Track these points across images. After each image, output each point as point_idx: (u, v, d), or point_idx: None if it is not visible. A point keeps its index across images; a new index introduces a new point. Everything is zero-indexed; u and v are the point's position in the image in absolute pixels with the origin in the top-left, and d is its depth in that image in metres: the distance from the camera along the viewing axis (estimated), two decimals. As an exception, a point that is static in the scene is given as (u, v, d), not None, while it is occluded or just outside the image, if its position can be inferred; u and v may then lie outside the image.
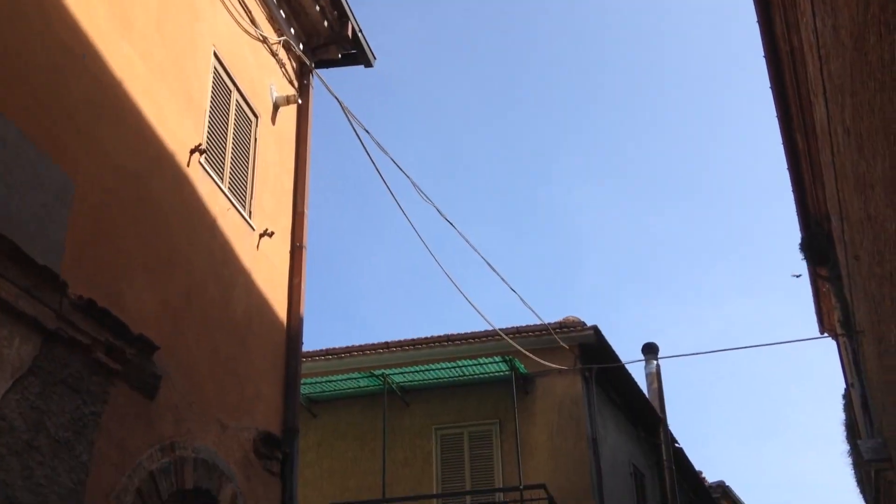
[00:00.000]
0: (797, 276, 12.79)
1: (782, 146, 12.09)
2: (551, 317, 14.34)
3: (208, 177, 7.18)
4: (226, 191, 7.43)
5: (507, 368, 13.60)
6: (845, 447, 17.59)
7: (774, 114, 11.40)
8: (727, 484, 23.19)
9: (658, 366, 16.89)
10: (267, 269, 7.93)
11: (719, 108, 55.25)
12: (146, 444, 5.81)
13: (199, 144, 7.04)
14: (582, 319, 14.60)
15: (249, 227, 7.77)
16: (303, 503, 12.47)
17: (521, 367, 13.73)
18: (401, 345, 14.82)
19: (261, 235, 7.91)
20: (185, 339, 6.53)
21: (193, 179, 6.96)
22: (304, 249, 8.36)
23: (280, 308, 8.05)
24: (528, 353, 13.51)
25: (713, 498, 22.22)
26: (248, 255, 7.68)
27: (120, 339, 5.59)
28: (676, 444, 17.60)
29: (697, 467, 20.51)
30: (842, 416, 17.12)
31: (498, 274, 20.48)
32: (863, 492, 15.97)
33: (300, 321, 8.13)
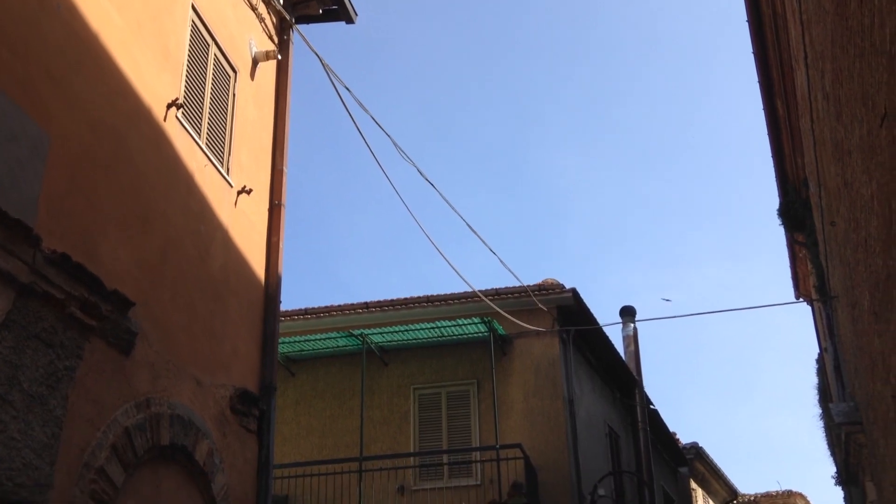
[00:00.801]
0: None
1: (763, 112, 12.11)
2: (531, 279, 14.42)
3: (185, 132, 7.11)
4: (203, 146, 7.37)
5: (486, 330, 13.68)
6: (817, 411, 17.85)
7: (756, 80, 11.40)
8: (700, 445, 23.52)
9: (635, 329, 17.05)
10: (245, 227, 7.89)
11: (702, 76, 55.14)
12: (121, 399, 5.81)
13: (177, 99, 6.96)
14: (561, 282, 14.69)
15: (227, 184, 7.72)
16: (280, 460, 12.57)
17: (500, 329, 13.81)
18: (380, 305, 14.84)
19: (239, 192, 7.86)
20: (162, 296, 6.50)
21: (170, 134, 6.88)
22: (282, 207, 8.32)
23: (258, 266, 8.03)
24: (506, 315, 13.58)
25: (687, 459, 22.55)
26: (226, 212, 7.63)
27: (95, 295, 5.56)
28: (651, 406, 17.81)
29: (671, 429, 20.80)
30: (815, 380, 17.36)
31: (477, 235, 20.48)
32: (833, 454, 16.25)
33: (278, 279, 8.11)
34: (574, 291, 14.20)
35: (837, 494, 20.48)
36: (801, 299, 15.66)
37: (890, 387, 6.97)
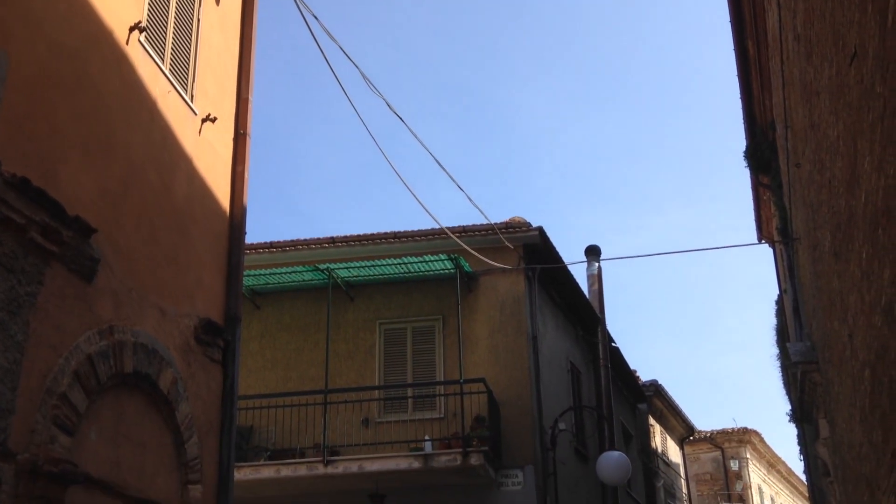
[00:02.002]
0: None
1: (734, 53, 12.09)
2: (498, 218, 14.44)
3: (148, 57, 6.94)
4: (167, 72, 7.21)
5: (452, 266, 13.71)
6: (775, 351, 18.23)
7: (728, 20, 11.35)
8: (660, 383, 23.98)
9: (599, 268, 17.18)
10: (209, 156, 7.77)
11: (674, 15, 54.82)
12: (84, 326, 5.77)
13: (139, 22, 6.78)
14: (528, 220, 14.73)
15: (191, 112, 7.58)
16: (245, 392, 12.61)
17: (466, 266, 13.85)
18: (346, 240, 14.80)
19: (203, 121, 7.72)
20: (124, 224, 6.42)
21: (133, 59, 6.72)
22: (247, 137, 8.20)
23: (223, 196, 7.93)
24: (473, 252, 13.62)
25: (646, 396, 23.00)
26: (190, 140, 7.51)
27: (56, 221, 5.48)
28: (613, 344, 18.08)
29: (632, 366, 21.17)
30: (773, 321, 17.69)
31: (445, 171, 20.40)
32: (788, 393, 16.65)
33: (243, 210, 8.04)
34: (540, 230, 14.25)
35: (791, 432, 21.08)
36: (763, 241, 15.86)
37: (847, 326, 7.11)
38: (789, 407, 16.66)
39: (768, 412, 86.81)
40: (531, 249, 14.44)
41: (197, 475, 6.79)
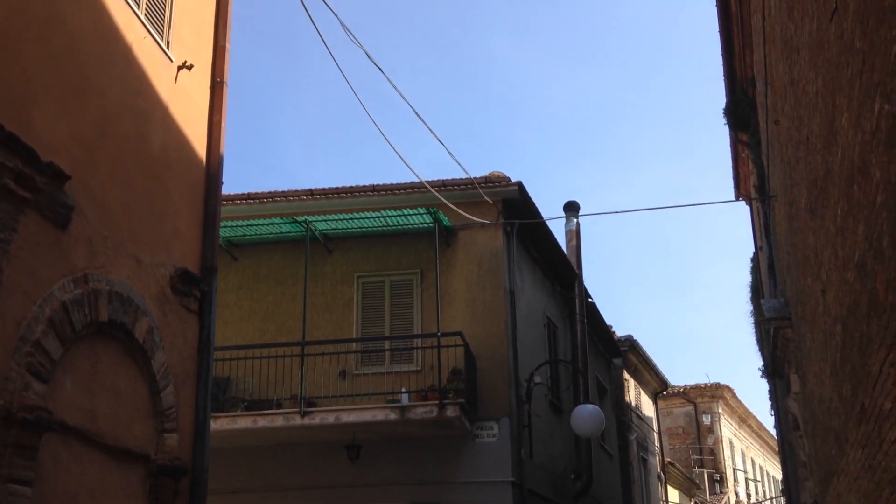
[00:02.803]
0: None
1: (716, 9, 12.03)
2: (477, 172, 14.40)
3: (123, 1, 6.80)
4: (142, 17, 7.07)
5: (431, 220, 13.69)
6: (749, 308, 18.44)
7: (711, -26, 11.26)
8: (635, 338, 24.23)
9: (578, 224, 17.24)
10: (186, 105, 7.67)
11: (658, -30, 54.39)
12: (58, 274, 5.72)
13: (114, -34, 6.63)
14: (507, 175, 14.70)
15: (167, 59, 7.46)
16: (222, 343, 12.61)
17: (445, 220, 13.84)
18: (325, 192, 14.72)
19: (179, 68, 7.61)
20: (99, 171, 6.34)
21: (107, 2, 6.58)
22: (224, 86, 8.09)
23: (199, 145, 7.85)
24: (452, 206, 13.60)
25: (621, 351, 23.24)
26: (166, 87, 7.40)
27: (29, 167, 5.40)
28: (590, 300, 18.20)
29: (608, 322, 21.35)
30: (748, 278, 17.86)
31: (424, 123, 20.30)
32: (761, 349, 16.88)
33: (220, 160, 7.96)
34: (520, 185, 14.24)
35: (763, 387, 21.42)
36: (740, 199, 15.95)
37: (820, 282, 7.18)
38: (762, 363, 16.91)
39: (741, 368, 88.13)
40: (510, 204, 14.43)
41: (173, 424, 6.81)
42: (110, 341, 6.27)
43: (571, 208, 17.13)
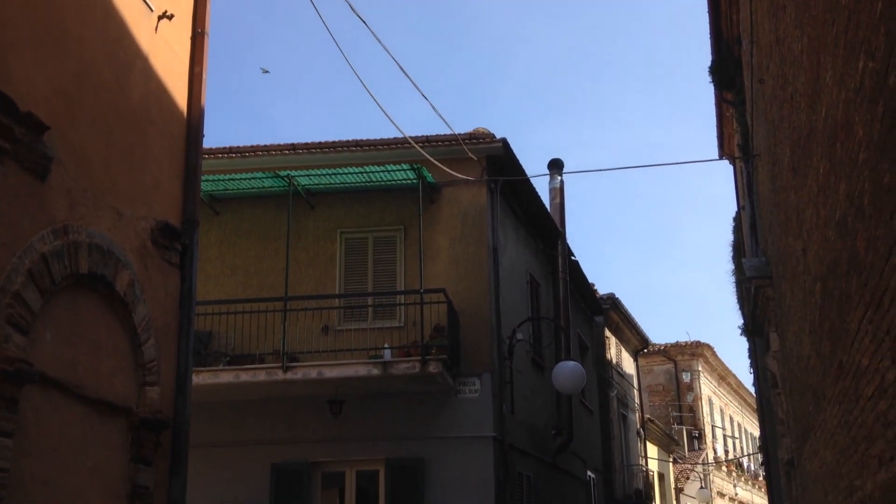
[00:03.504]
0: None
1: (704, -35, 11.92)
2: (461, 130, 14.32)
3: (102, -52, 6.66)
4: (121, -34, 6.93)
5: (415, 177, 13.63)
6: (730, 267, 18.56)
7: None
8: (616, 296, 24.37)
9: (562, 181, 17.24)
10: (166, 55, 7.56)
11: (647, -74, 53.82)
12: (37, 226, 5.67)
13: (91, -89, 6.49)
14: (492, 132, 14.63)
15: (147, 8, 7.32)
16: (204, 297, 12.59)
17: (429, 176, 13.79)
18: (307, 147, 14.61)
19: (159, 18, 7.48)
20: (78, 122, 6.26)
21: (85, -50, 6.44)
22: (206, 36, 7.96)
23: (180, 97, 7.74)
24: (435, 163, 13.53)
25: (603, 308, 23.38)
26: (146, 38, 7.28)
27: (7, 117, 5.32)
28: (572, 258, 18.26)
29: (590, 280, 21.45)
30: (730, 237, 17.96)
31: (409, 78, 20.12)
32: (741, 308, 17.02)
33: (201, 112, 7.86)
34: (504, 142, 14.18)
35: (743, 345, 21.66)
36: (724, 158, 15.96)
37: (801, 241, 7.22)
38: (742, 321, 17.07)
39: (721, 327, 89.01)
40: (494, 161, 14.39)
41: (154, 377, 6.80)
42: (91, 294, 6.24)
43: (555, 166, 17.11)
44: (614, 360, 25.28)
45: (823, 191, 5.59)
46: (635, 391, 28.19)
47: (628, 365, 27.71)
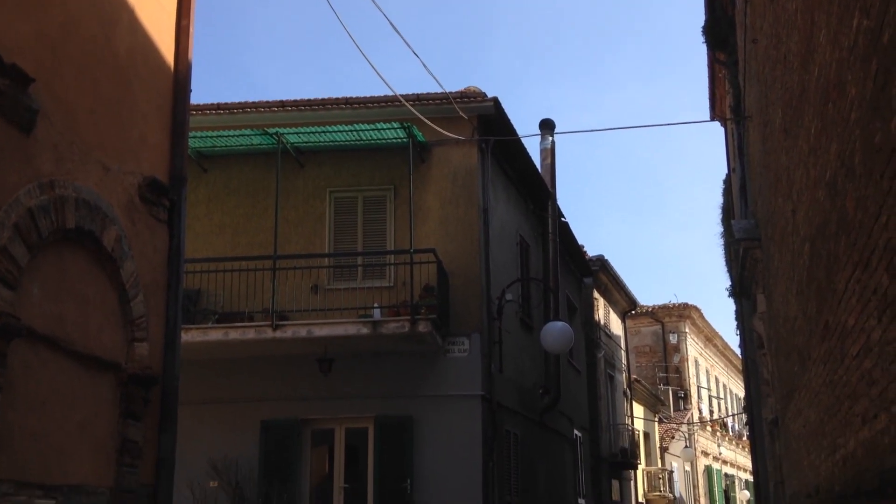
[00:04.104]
0: None
1: (699, -78, 11.78)
2: (453, 88, 14.21)
3: None
4: (107, -85, 6.80)
5: (405, 135, 13.56)
6: (719, 230, 18.61)
7: None
8: (606, 258, 24.44)
9: (553, 142, 17.18)
10: (153, 8, 7.43)
11: None
12: (23, 180, 5.61)
13: None
14: (483, 91, 14.53)
15: (134, -40, 7.20)
16: (193, 255, 12.56)
17: (419, 135, 13.71)
18: (296, 104, 14.50)
19: (146, -30, 7.35)
20: (64, 75, 6.17)
21: None
22: (193, -11, 7.83)
23: (167, 51, 7.64)
24: (426, 121, 13.45)
25: (592, 270, 23.45)
26: (133, -10, 7.16)
27: (-10, 68, 5.24)
28: (563, 219, 18.27)
29: (580, 241, 21.48)
30: (720, 200, 17.98)
31: (399, 34, 19.89)
32: (730, 270, 17.10)
33: (188, 67, 7.76)
34: (496, 101, 14.09)
35: (730, 308, 21.80)
36: (715, 120, 15.92)
37: (791, 202, 7.23)
38: (729, 283, 17.15)
39: (709, 290, 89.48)
40: (485, 121, 14.31)
41: (143, 333, 6.79)
42: (78, 249, 6.20)
43: (547, 126, 17.04)
44: (602, 322, 25.42)
45: (814, 151, 5.58)
46: (622, 352, 28.39)
47: (616, 326, 27.87)
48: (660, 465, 31.15)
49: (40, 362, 5.68)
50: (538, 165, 16.90)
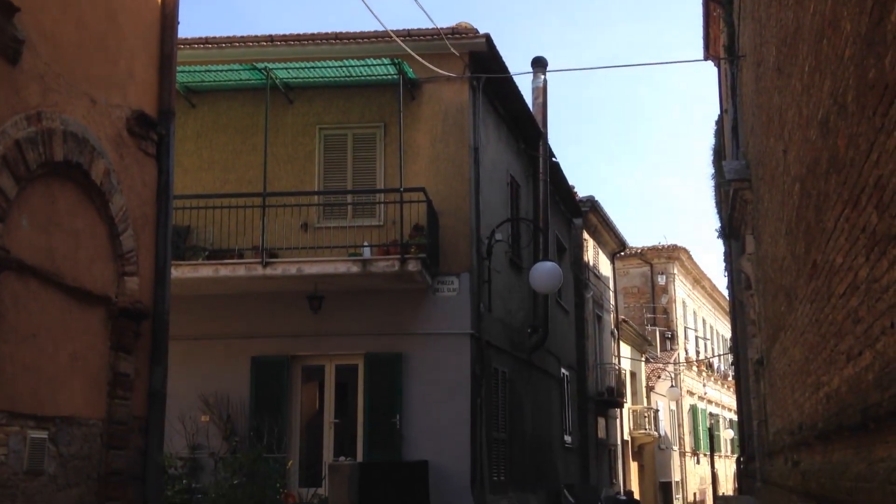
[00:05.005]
0: None
1: None
2: (444, 24, 14.03)
3: None
4: None
5: (395, 72, 13.41)
6: (710, 171, 18.61)
7: None
8: (596, 199, 24.45)
9: (545, 81, 17.05)
10: (139, -63, 7.28)
11: None
12: (10, 111, 5.54)
13: None
14: (475, 27, 14.35)
15: None
16: (182, 191, 12.51)
17: (410, 72, 13.57)
18: (286, 39, 14.29)
19: None
20: (49, 5, 6.05)
21: None
22: (180, -83, 7.65)
23: (154, -18, 7.49)
24: (417, 57, 13.31)
25: (582, 211, 23.47)
26: (118, -82, 6.99)
27: (-27, -4, 5.14)
28: (553, 159, 18.21)
29: (570, 182, 21.44)
30: (712, 141, 17.94)
31: (392, -26, 19.60)
32: (719, 211, 17.15)
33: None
34: (487, 37, 13.93)
35: (719, 249, 21.94)
36: (709, 59, 15.80)
37: (783, 142, 7.22)
38: (719, 224, 17.21)
39: (697, 232, 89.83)
40: (477, 58, 14.15)
41: (133, 267, 6.79)
42: (66, 182, 6.15)
43: (539, 64, 16.89)
44: (591, 262, 25.53)
45: (807, 89, 5.56)
46: (611, 293, 28.58)
47: (605, 267, 28.01)
48: (645, 404, 31.62)
49: (30, 295, 5.68)
50: (530, 104, 16.78)
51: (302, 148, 14.19)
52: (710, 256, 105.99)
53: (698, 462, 38.01)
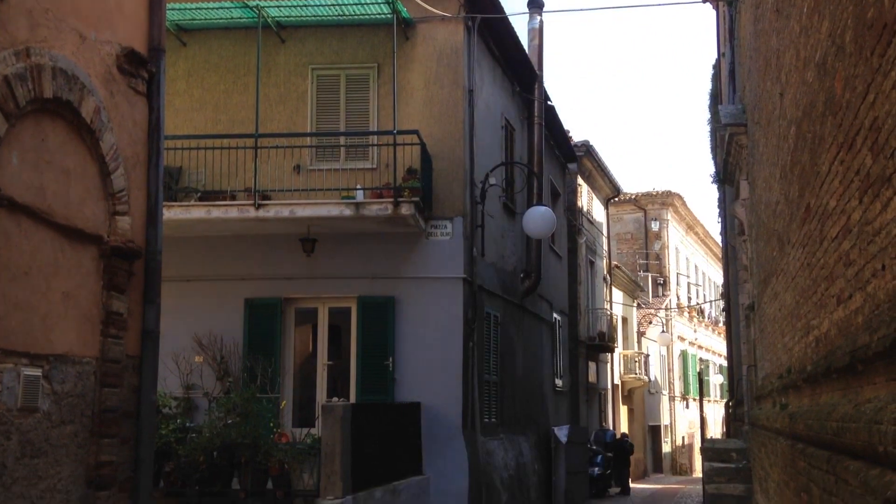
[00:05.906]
0: None
1: None
2: (438, -42, 13.77)
3: None
4: None
5: (389, 11, 13.22)
6: (706, 116, 18.52)
7: None
8: (591, 144, 24.35)
9: (541, 22, 16.84)
10: None
11: None
12: (-3, 46, 5.45)
13: None
14: (470, -35, 14.12)
15: None
16: (174, 132, 12.40)
17: (404, 11, 13.38)
18: (278, -24, 14.02)
19: None
20: (35, -63, 5.92)
21: None
22: None
23: (143, -85, 7.32)
24: (411, -4, 13.10)
25: (576, 156, 23.39)
26: None
27: (-43, -74, 5.01)
28: (549, 102, 18.08)
29: (565, 126, 21.32)
30: (708, 86, 17.82)
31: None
32: (715, 157, 17.11)
33: (166, -68, 7.46)
34: (483, -24, 13.71)
35: (713, 195, 21.95)
36: (707, 1, 15.61)
37: (779, 84, 7.16)
38: (714, 170, 17.19)
39: (692, 178, 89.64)
40: (472, -3, 13.94)
41: (125, 207, 6.75)
42: (56, 119, 6.08)
43: (535, 5, 16.67)
44: (585, 208, 25.52)
45: (805, 31, 5.49)
46: (604, 238, 28.63)
47: (599, 213, 28.01)
48: (636, 349, 31.91)
49: (21, 232, 5.65)
50: (525, 46, 16.60)
51: (294, 88, 14.04)
52: (705, 202, 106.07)
53: (687, 406, 38.51)
